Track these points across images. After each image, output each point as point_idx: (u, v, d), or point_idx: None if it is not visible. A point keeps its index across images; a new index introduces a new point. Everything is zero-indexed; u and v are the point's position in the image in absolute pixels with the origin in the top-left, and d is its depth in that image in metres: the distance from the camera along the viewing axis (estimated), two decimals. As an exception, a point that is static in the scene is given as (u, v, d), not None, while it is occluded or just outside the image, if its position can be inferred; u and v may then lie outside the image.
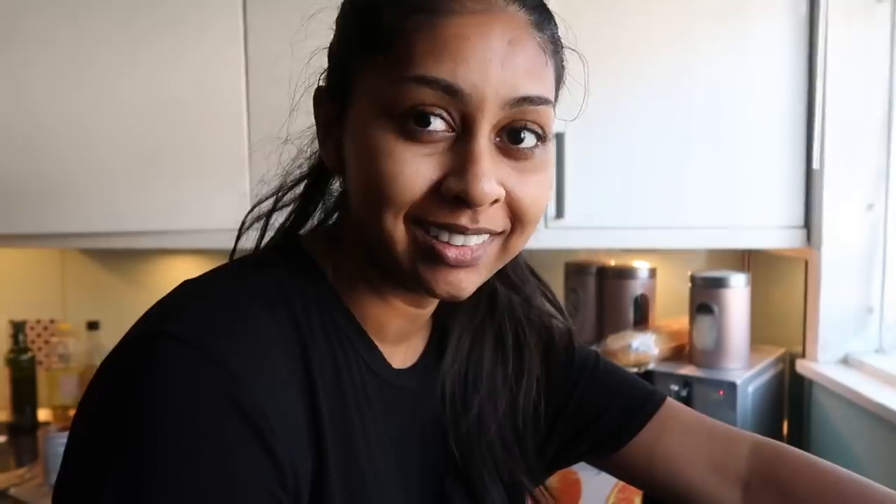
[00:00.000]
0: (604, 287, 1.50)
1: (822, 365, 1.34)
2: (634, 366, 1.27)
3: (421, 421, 0.58)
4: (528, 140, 0.48)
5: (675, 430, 0.65)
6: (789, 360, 1.44)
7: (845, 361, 1.34)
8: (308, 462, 0.46)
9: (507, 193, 0.48)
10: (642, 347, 1.27)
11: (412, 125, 0.45)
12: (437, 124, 0.45)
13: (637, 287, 1.46)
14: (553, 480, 0.96)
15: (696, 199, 1.35)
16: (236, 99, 1.45)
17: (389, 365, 0.55)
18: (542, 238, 1.35)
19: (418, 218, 0.46)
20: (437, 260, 0.47)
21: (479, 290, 0.57)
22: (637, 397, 0.66)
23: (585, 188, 1.36)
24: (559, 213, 1.35)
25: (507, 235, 0.50)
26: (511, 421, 0.63)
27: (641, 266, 1.48)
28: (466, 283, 0.49)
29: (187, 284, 0.49)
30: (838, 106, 1.31)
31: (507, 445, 0.62)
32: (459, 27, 0.44)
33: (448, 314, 0.62)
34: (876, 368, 1.26)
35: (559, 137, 1.34)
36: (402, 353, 0.57)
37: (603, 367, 0.68)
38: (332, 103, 0.51)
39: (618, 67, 1.34)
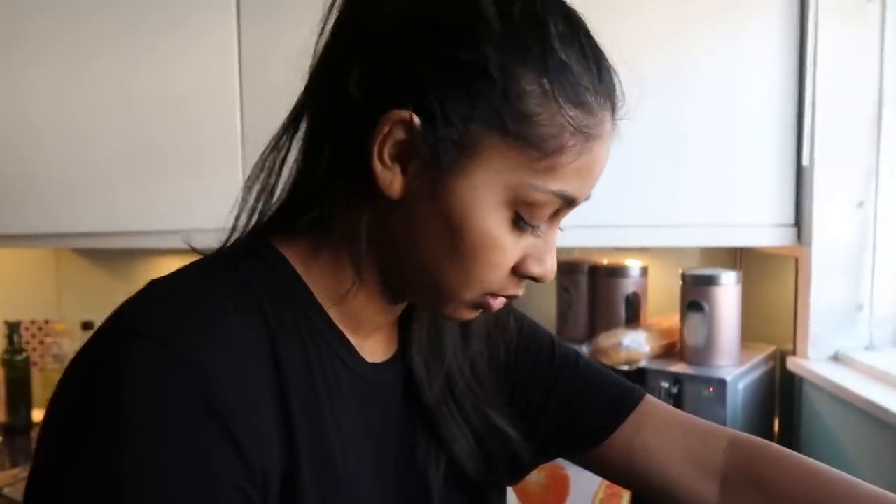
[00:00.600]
0: (596, 285, 1.50)
1: (812, 362, 1.34)
2: (625, 363, 1.28)
3: (397, 414, 0.58)
4: None
5: (654, 426, 0.65)
6: (780, 358, 1.45)
7: (835, 358, 1.35)
8: (278, 458, 0.46)
9: None
10: (633, 345, 1.28)
11: (526, 222, 0.49)
12: (543, 221, 0.50)
13: (629, 285, 1.46)
14: (541, 476, 0.97)
15: (688, 198, 1.36)
16: (230, 99, 1.45)
17: (363, 359, 0.55)
18: (534, 237, 1.36)
19: (488, 290, 0.51)
20: (482, 310, 0.54)
21: None
22: (616, 394, 0.67)
23: (577, 187, 1.36)
24: (550, 211, 1.35)
25: None
26: (471, 368, 0.64)
27: (633, 264, 1.49)
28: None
29: (155, 282, 0.49)
30: (828, 104, 1.32)
31: (473, 391, 0.63)
32: (599, 152, 0.49)
33: None
34: (866, 365, 1.27)
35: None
36: (375, 346, 0.58)
37: (583, 365, 0.69)
38: (424, 142, 0.47)
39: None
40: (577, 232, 1.36)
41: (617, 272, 1.47)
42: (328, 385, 0.51)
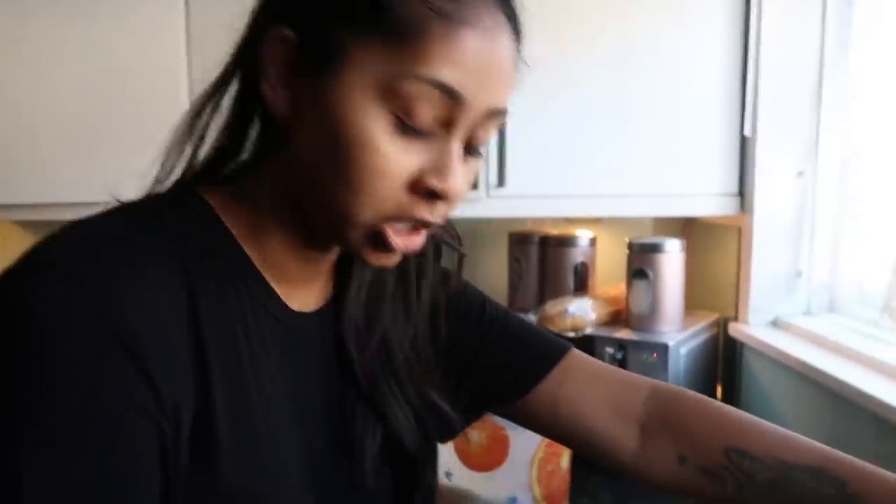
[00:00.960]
0: (545, 256, 1.52)
1: (752, 327, 1.38)
2: (571, 330, 1.30)
3: (326, 362, 0.59)
4: (482, 144, 0.52)
5: (578, 378, 0.67)
6: (723, 325, 1.48)
7: (775, 324, 1.39)
8: (190, 392, 0.46)
9: None
10: (579, 312, 1.30)
11: (407, 122, 0.47)
12: (429, 124, 0.48)
13: (577, 255, 1.49)
14: (482, 437, 0.99)
15: (635, 169, 1.38)
16: (176, 70, 1.43)
17: (287, 306, 0.56)
18: (483, 207, 1.37)
19: (385, 211, 0.49)
20: (385, 247, 0.51)
21: None
22: (541, 348, 0.69)
23: (527, 157, 1.38)
24: (501, 181, 1.36)
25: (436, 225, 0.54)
26: (412, 346, 0.64)
27: (582, 235, 1.51)
28: (396, 259, 0.53)
29: (72, 222, 0.49)
30: (771, 76, 1.34)
31: (412, 368, 0.63)
32: (476, 40, 0.47)
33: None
34: (803, 330, 1.31)
35: (500, 107, 1.35)
36: (304, 296, 0.58)
37: (512, 321, 0.70)
38: (301, 57, 0.49)
39: (560, 37, 1.36)
40: (526, 202, 1.40)
41: (566, 242, 1.49)
42: (246, 327, 0.51)
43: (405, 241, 0.51)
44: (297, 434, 0.54)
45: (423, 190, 0.49)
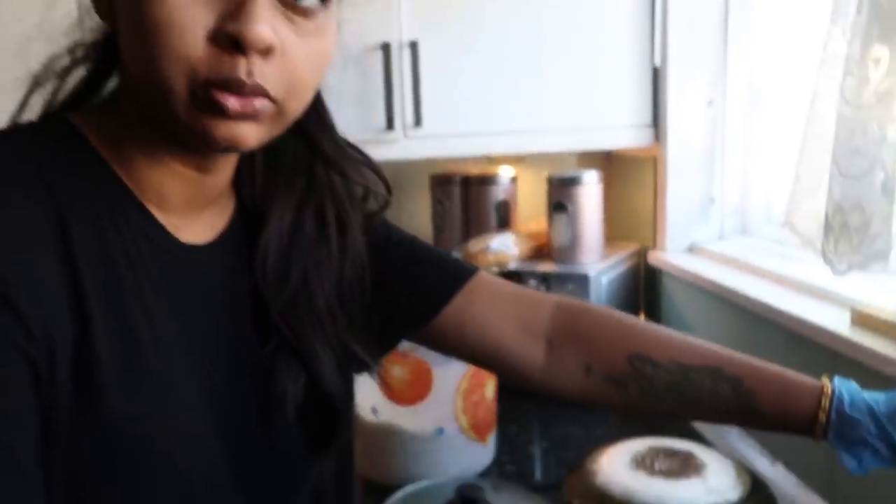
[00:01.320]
0: (468, 196, 1.52)
1: (669, 254, 1.42)
2: (495, 265, 1.31)
3: (226, 296, 0.57)
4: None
5: (485, 298, 0.67)
6: (643, 254, 1.52)
7: (691, 249, 1.43)
8: (66, 322, 0.44)
9: (285, 53, 0.47)
10: (501, 248, 1.31)
11: None
12: None
13: (499, 193, 1.49)
14: (404, 372, 1.00)
15: (552, 103, 1.38)
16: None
17: (174, 237, 0.54)
18: (401, 148, 1.36)
19: (195, 71, 0.45)
20: (217, 110, 0.46)
21: (296, 169, 0.60)
22: (448, 270, 0.69)
23: (443, 95, 1.36)
24: (417, 121, 1.35)
25: (283, 104, 0.49)
26: (338, 295, 0.63)
27: (503, 172, 1.52)
28: (247, 134, 0.48)
29: None
30: (678, 5, 1.36)
31: (335, 317, 0.62)
32: None
33: (264, 195, 0.61)
34: (717, 253, 1.35)
35: (413, 46, 1.32)
36: (195, 228, 0.56)
37: (419, 247, 0.70)
38: None
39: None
40: (444, 141, 1.39)
41: (487, 181, 1.50)
42: (129, 259, 0.49)
43: (240, 102, 0.46)
44: (193, 368, 0.53)
45: (226, 39, 0.45)
